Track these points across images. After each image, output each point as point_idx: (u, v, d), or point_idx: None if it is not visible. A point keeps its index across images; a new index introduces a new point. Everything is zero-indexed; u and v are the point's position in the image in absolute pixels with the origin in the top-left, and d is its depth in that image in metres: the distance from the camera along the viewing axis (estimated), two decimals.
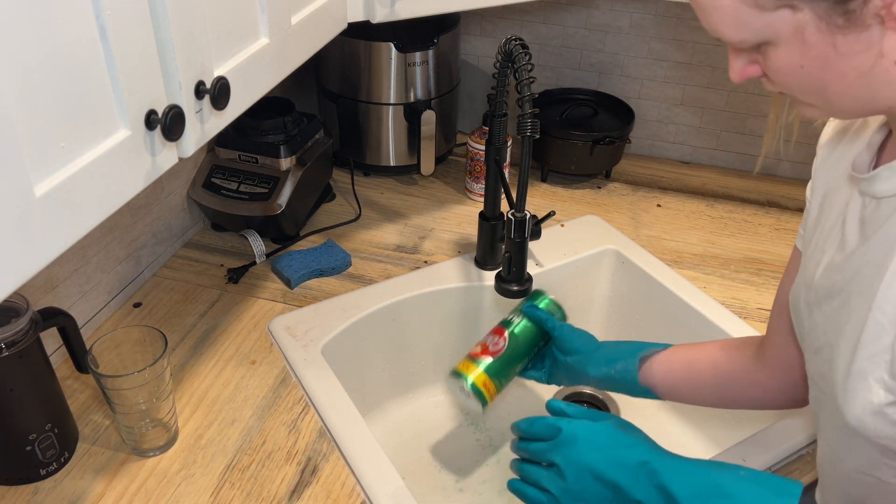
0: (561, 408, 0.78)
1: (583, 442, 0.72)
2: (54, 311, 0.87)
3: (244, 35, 0.75)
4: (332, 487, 0.86)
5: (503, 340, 0.94)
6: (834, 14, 0.51)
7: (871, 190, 0.61)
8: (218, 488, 0.85)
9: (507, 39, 0.95)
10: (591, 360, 0.92)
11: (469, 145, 1.35)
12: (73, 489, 0.85)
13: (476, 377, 0.92)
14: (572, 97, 1.49)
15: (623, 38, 1.45)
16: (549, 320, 0.95)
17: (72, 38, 0.53)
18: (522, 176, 0.93)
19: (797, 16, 0.53)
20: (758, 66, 0.59)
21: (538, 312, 0.96)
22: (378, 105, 1.36)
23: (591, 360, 0.92)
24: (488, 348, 0.94)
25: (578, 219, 1.33)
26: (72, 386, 0.97)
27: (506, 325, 0.96)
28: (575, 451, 0.72)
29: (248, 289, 1.15)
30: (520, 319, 0.96)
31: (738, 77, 0.61)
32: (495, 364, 0.93)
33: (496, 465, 1.15)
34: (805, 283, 0.68)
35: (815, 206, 0.71)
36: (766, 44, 0.56)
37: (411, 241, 1.27)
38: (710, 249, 1.28)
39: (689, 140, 1.52)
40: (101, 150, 0.57)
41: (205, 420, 0.94)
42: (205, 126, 0.69)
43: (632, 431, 0.74)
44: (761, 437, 0.93)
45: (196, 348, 1.04)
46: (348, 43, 1.32)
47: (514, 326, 0.96)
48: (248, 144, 1.21)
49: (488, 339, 0.96)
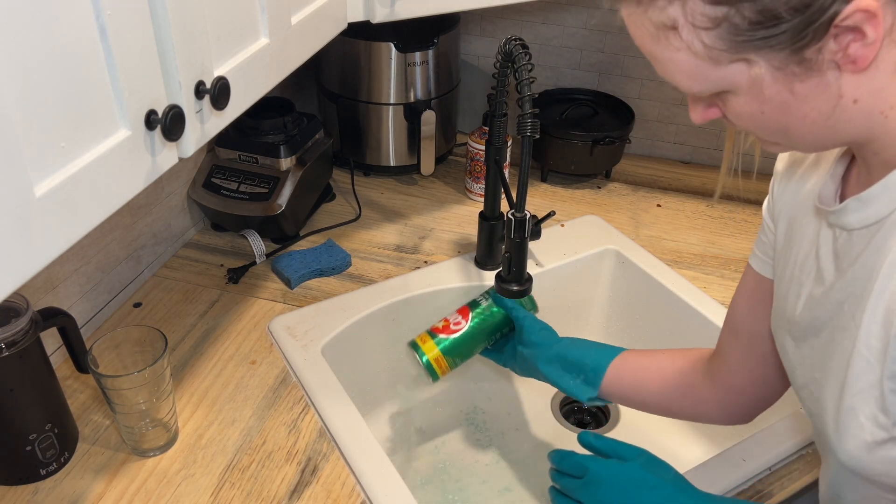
0: (590, 442, 0.79)
1: (608, 484, 0.73)
2: (54, 311, 0.87)
3: (244, 35, 0.75)
4: (332, 487, 0.86)
5: (465, 322, 0.97)
6: (790, 63, 0.51)
7: (840, 222, 0.60)
8: (218, 488, 0.85)
9: (507, 39, 0.95)
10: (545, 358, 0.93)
11: (469, 145, 1.35)
12: (73, 489, 0.85)
13: (431, 354, 0.95)
14: (572, 97, 1.49)
15: (623, 38, 1.45)
16: (516, 309, 0.96)
17: (72, 38, 0.53)
18: (522, 176, 0.93)
19: (753, 69, 0.53)
20: (718, 109, 0.59)
21: (505, 300, 0.97)
22: (378, 105, 1.36)
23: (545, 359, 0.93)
24: (449, 326, 0.96)
25: (578, 219, 1.33)
26: (72, 386, 0.97)
27: (472, 307, 0.98)
28: (600, 493, 0.73)
29: (248, 289, 1.15)
30: (487, 303, 0.98)
31: (699, 120, 0.61)
32: (451, 343, 0.95)
33: (496, 465, 1.15)
34: (787, 317, 0.68)
35: (781, 233, 0.71)
36: (724, 92, 0.56)
37: (411, 241, 1.27)
38: (710, 249, 1.28)
39: (689, 140, 1.52)
40: (101, 151, 0.57)
41: (205, 420, 0.94)
42: (205, 126, 0.69)
43: (659, 470, 0.74)
44: (761, 437, 0.93)
45: (196, 348, 1.04)
46: (348, 43, 1.32)
47: (479, 309, 0.97)
48: (248, 144, 1.21)
49: (452, 316, 0.98)
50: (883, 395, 0.55)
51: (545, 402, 1.25)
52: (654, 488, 0.71)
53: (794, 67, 0.51)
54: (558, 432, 1.20)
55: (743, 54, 0.52)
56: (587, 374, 0.90)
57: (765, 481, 0.90)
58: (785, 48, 0.50)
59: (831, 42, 0.50)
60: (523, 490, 1.11)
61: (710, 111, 0.59)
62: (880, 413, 0.55)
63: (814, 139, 0.57)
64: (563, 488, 0.77)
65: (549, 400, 1.25)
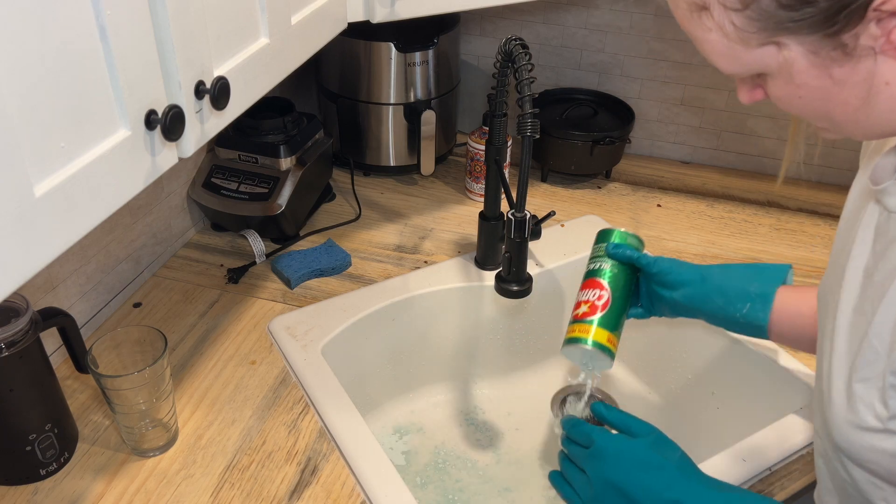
0: (602, 414, 0.78)
1: (611, 458, 0.72)
2: (54, 311, 0.87)
3: (244, 35, 0.75)
4: (332, 487, 0.86)
5: (605, 291, 0.88)
6: (826, 48, 0.51)
7: (883, 201, 0.60)
8: (218, 488, 0.85)
9: (507, 39, 0.95)
10: (705, 296, 0.87)
11: (469, 145, 1.35)
12: (73, 489, 0.85)
13: (600, 337, 0.86)
14: (572, 97, 1.49)
15: (623, 38, 1.45)
16: (642, 257, 0.89)
17: (72, 38, 0.53)
18: (522, 176, 0.93)
19: (783, 52, 0.53)
20: (762, 91, 0.59)
21: (626, 251, 0.89)
22: (378, 105, 1.36)
23: (705, 297, 0.87)
24: (594, 304, 0.88)
25: (578, 219, 1.33)
26: (72, 386, 0.97)
27: (598, 275, 0.90)
28: (603, 467, 0.72)
29: (248, 289, 1.15)
30: (609, 265, 0.90)
31: (746, 100, 0.61)
32: (608, 316, 0.87)
33: (496, 465, 1.15)
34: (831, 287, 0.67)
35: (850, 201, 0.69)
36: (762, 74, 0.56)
37: (411, 241, 1.27)
38: (710, 249, 1.28)
39: (689, 140, 1.52)
40: (101, 151, 0.57)
41: (205, 420, 0.94)
42: (205, 126, 0.69)
43: (666, 450, 0.73)
44: (761, 438, 0.93)
45: (196, 348, 1.04)
46: (348, 43, 1.32)
47: (608, 274, 0.89)
48: (248, 144, 1.21)
49: (585, 293, 0.90)
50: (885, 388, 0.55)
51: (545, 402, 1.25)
52: (657, 469, 0.70)
53: (831, 52, 0.51)
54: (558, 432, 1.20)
55: (773, 37, 0.52)
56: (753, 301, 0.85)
57: (765, 481, 0.90)
58: (816, 32, 0.50)
59: (872, 26, 0.49)
60: (523, 490, 1.11)
61: (756, 92, 0.60)
62: (879, 404, 0.56)
63: (857, 126, 0.56)
64: (570, 455, 0.77)
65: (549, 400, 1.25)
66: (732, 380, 1.10)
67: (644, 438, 0.74)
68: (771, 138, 1.47)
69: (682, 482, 0.69)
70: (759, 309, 0.84)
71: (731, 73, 0.57)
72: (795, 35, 0.51)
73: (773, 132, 1.46)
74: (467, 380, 1.26)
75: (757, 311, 0.84)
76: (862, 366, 0.57)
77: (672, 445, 0.74)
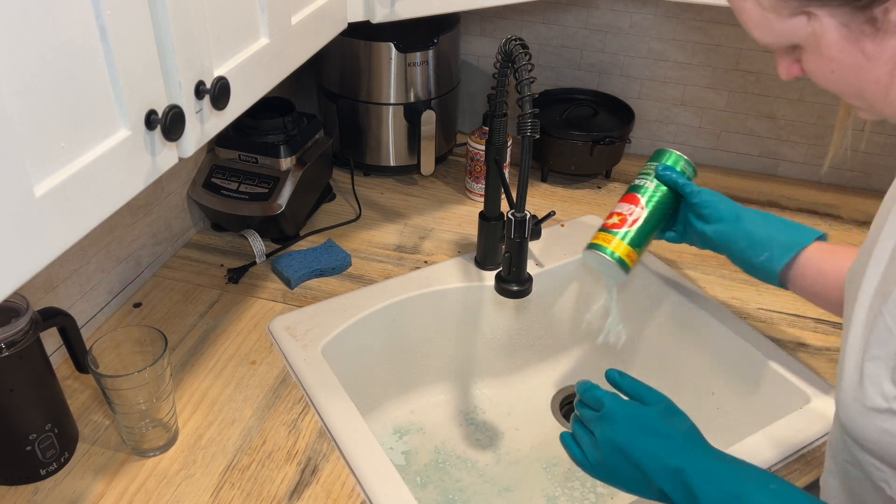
0: (615, 379, 0.79)
1: (620, 423, 0.73)
2: (54, 311, 0.87)
3: (244, 35, 0.75)
4: (332, 487, 0.86)
5: (640, 210, 0.91)
6: (858, 21, 0.51)
7: None
8: (218, 488, 0.85)
9: (507, 39, 0.95)
10: (733, 236, 0.90)
11: (469, 145, 1.35)
12: (73, 489, 0.85)
13: (621, 250, 0.90)
14: (572, 97, 1.49)
15: (623, 38, 1.45)
16: (687, 185, 0.91)
17: (72, 38, 0.53)
18: (522, 176, 0.93)
19: (813, 23, 0.52)
20: (799, 66, 0.59)
21: (674, 176, 0.91)
22: (378, 105, 1.36)
23: (733, 237, 0.90)
24: (626, 218, 0.91)
25: (578, 219, 1.33)
26: (72, 386, 0.97)
27: (639, 192, 0.92)
28: (611, 430, 0.73)
29: (248, 289, 1.15)
30: (654, 185, 0.92)
31: (784, 75, 0.61)
32: (637, 234, 0.90)
33: (496, 465, 1.15)
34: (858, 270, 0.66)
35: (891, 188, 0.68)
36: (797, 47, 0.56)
37: (411, 241, 1.27)
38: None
39: (689, 140, 1.52)
40: (102, 151, 0.57)
41: (205, 420, 0.94)
42: (205, 126, 0.69)
43: (675, 420, 0.73)
44: (762, 437, 0.93)
45: (196, 348, 1.04)
46: (348, 43, 1.32)
47: (649, 193, 0.91)
48: (248, 144, 1.21)
49: (622, 207, 0.92)
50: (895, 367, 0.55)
51: (545, 402, 1.25)
52: (664, 437, 0.71)
53: (862, 25, 0.51)
54: (558, 432, 1.20)
55: (804, 6, 0.52)
56: (773, 251, 0.88)
57: None
58: (846, 4, 0.50)
59: None
60: (523, 490, 1.11)
61: (794, 67, 0.60)
62: (888, 383, 0.55)
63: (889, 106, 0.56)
64: (581, 417, 0.77)
65: (548, 400, 1.25)
66: (732, 380, 1.10)
67: (654, 406, 0.74)
68: (771, 138, 1.47)
69: (687, 451, 0.69)
70: (777, 259, 0.87)
71: (766, 43, 0.57)
72: (826, 6, 0.51)
73: (773, 132, 1.46)
74: (467, 380, 1.26)
75: (773, 260, 0.87)
76: (874, 344, 0.57)
77: (682, 416, 0.74)
